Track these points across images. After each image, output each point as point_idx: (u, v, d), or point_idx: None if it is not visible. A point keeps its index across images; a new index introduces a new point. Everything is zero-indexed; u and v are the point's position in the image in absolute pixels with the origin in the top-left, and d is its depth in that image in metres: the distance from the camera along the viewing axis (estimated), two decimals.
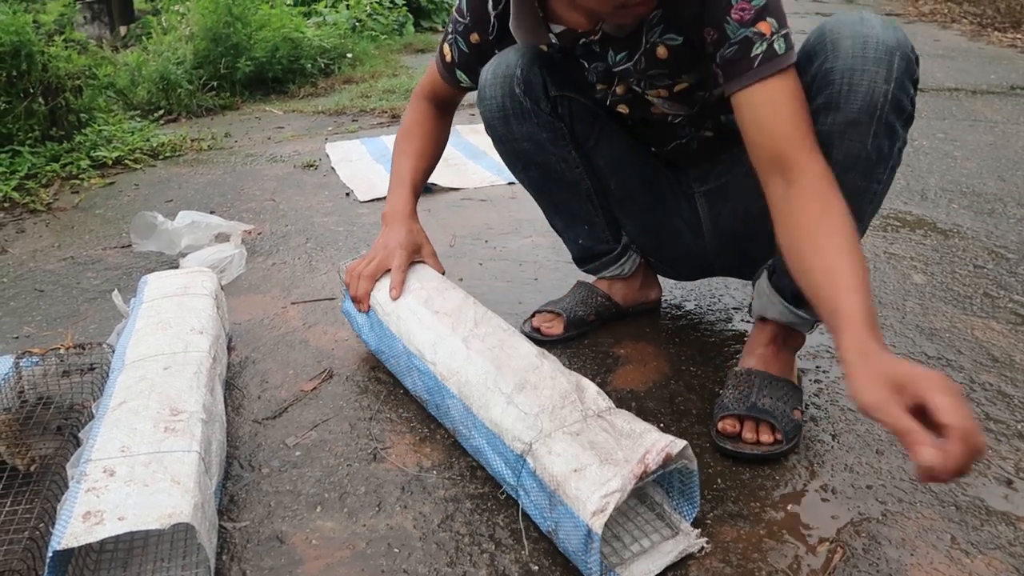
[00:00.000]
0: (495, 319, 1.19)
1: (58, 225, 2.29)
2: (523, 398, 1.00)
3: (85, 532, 0.83)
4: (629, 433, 0.93)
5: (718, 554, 0.94)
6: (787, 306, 1.18)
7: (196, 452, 0.97)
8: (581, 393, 1.01)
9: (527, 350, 1.10)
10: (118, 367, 1.17)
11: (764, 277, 1.22)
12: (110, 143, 3.05)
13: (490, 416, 1.01)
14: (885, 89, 0.97)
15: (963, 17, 6.40)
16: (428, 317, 1.19)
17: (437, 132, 1.43)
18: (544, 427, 0.95)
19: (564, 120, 1.30)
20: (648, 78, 1.17)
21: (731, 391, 1.18)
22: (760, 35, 1.00)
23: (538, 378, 1.03)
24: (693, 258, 1.43)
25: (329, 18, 5.78)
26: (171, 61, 4.30)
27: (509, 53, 1.27)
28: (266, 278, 1.82)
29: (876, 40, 0.97)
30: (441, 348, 1.14)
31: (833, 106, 1.00)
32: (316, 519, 1.03)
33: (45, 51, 2.89)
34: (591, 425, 0.95)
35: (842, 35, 0.99)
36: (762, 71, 1.00)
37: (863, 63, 0.97)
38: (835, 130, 1.01)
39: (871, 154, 1.01)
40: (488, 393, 1.03)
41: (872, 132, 1.00)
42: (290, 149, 3.12)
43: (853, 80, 0.98)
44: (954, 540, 0.95)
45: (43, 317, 1.66)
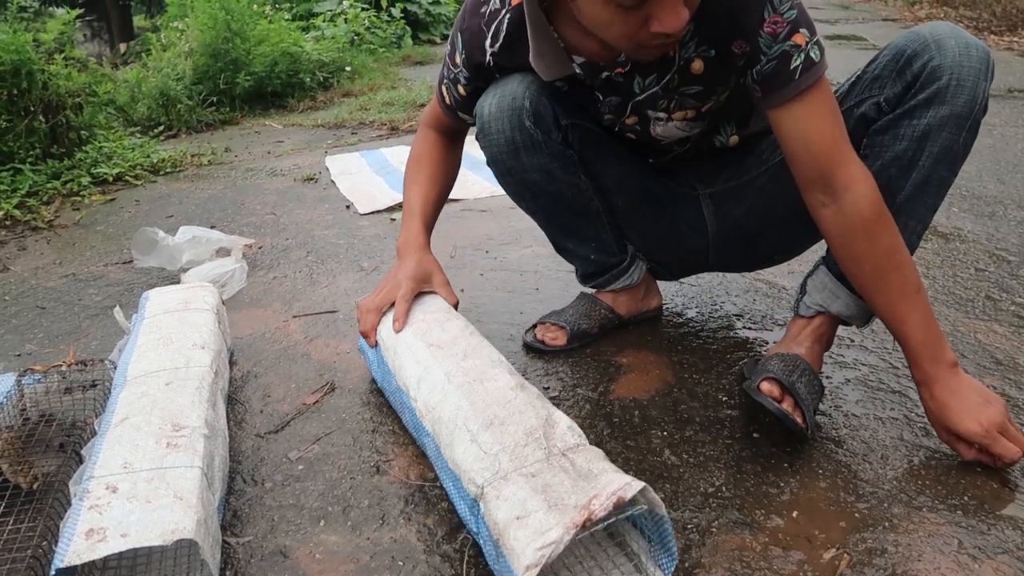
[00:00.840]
0: (486, 350, 1.14)
1: (59, 242, 2.30)
2: (488, 436, 0.95)
3: (88, 549, 0.82)
4: (587, 474, 0.86)
5: (724, 562, 0.94)
6: (853, 296, 1.19)
7: (199, 467, 0.97)
8: (550, 428, 0.95)
9: (503, 382, 1.04)
10: (120, 383, 1.17)
11: (823, 270, 1.23)
12: (111, 160, 3.07)
13: (453, 456, 0.97)
14: (984, 87, 1.04)
15: (959, 21, 6.42)
16: (422, 351, 1.15)
17: (446, 159, 1.42)
18: (502, 467, 0.89)
19: (574, 147, 1.29)
20: (680, 97, 1.16)
21: (777, 362, 1.17)
22: (797, 47, 1.02)
23: (507, 413, 0.98)
24: (691, 256, 1.45)
25: (327, 32, 5.82)
26: (171, 77, 4.33)
27: (512, 84, 1.22)
28: (267, 292, 1.82)
29: (975, 44, 1.04)
30: (424, 384, 1.09)
31: (939, 100, 1.04)
32: (320, 533, 1.02)
33: (45, 69, 2.91)
34: (552, 464, 0.88)
35: (944, 36, 1.05)
36: (802, 83, 1.03)
37: (968, 60, 1.03)
38: (935, 123, 1.05)
39: (959, 149, 1.07)
40: (455, 431, 0.99)
41: (967, 127, 1.05)
42: (290, 163, 3.13)
43: (961, 76, 1.03)
44: (961, 545, 0.95)
45: (45, 334, 1.66)
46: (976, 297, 1.60)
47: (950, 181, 1.11)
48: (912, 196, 1.10)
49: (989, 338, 1.43)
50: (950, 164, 1.08)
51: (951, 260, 1.80)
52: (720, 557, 0.95)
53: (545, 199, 1.35)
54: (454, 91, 1.30)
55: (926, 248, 1.87)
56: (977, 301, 1.59)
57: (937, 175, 1.09)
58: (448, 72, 1.29)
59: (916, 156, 1.08)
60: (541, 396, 1.03)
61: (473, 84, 1.27)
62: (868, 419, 1.21)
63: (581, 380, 1.36)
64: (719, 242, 1.39)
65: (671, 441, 1.18)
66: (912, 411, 1.22)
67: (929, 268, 1.75)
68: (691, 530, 0.99)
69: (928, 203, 1.11)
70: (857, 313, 1.21)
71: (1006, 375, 1.31)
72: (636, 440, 1.18)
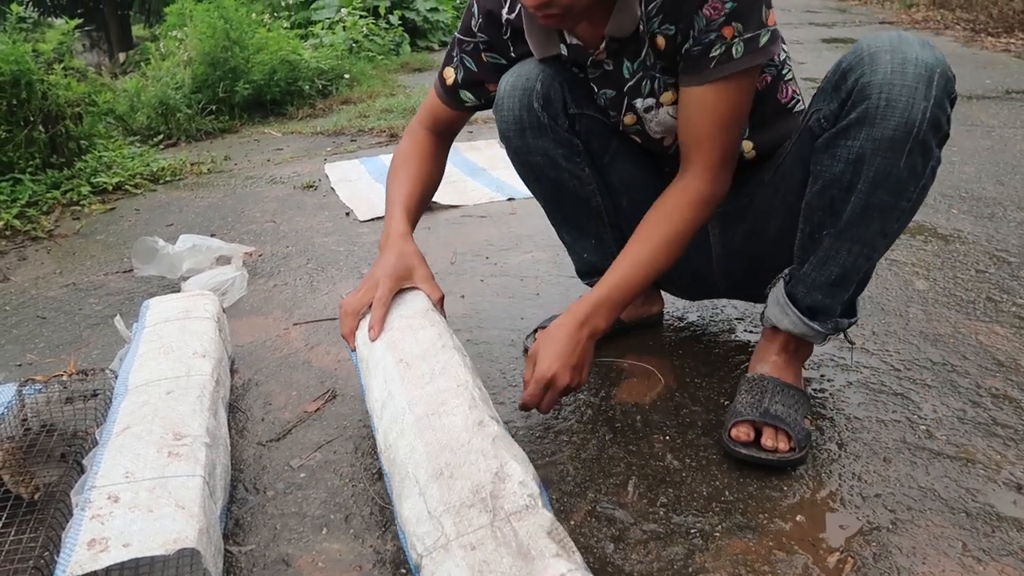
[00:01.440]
0: (455, 369, 1.07)
1: (59, 252, 2.30)
2: (435, 490, 0.89)
3: (90, 560, 0.82)
4: (526, 553, 0.80)
5: (728, 566, 0.93)
6: (800, 317, 1.17)
7: (200, 476, 0.97)
8: (500, 484, 0.88)
9: (460, 420, 0.97)
10: (121, 392, 1.16)
11: (780, 286, 1.21)
12: (110, 169, 3.07)
13: (402, 510, 0.91)
14: (924, 107, 0.96)
15: (956, 23, 6.44)
16: (391, 368, 1.09)
17: (433, 157, 1.38)
18: (445, 532, 0.84)
19: (580, 137, 1.29)
20: (661, 74, 1.16)
21: (744, 396, 1.17)
22: (722, 38, 1.04)
23: (458, 461, 0.91)
24: (698, 279, 1.42)
25: (326, 40, 5.83)
26: (170, 86, 4.33)
27: (529, 65, 1.24)
28: (268, 300, 1.82)
29: (916, 57, 0.96)
30: (387, 412, 1.04)
31: (868, 121, 0.99)
32: (322, 541, 1.02)
33: (45, 79, 2.91)
34: (496, 533, 0.83)
35: (881, 49, 0.98)
36: (712, 73, 1.06)
37: (902, 78, 0.96)
38: (868, 146, 1.00)
39: (903, 172, 1.00)
40: (405, 481, 0.93)
41: (907, 150, 0.98)
42: (289, 170, 3.13)
43: (892, 95, 0.96)
44: (965, 547, 0.95)
45: (46, 344, 1.66)
46: (977, 299, 1.60)
47: (900, 206, 1.03)
48: (853, 222, 1.05)
49: (990, 339, 1.43)
50: (892, 190, 1.02)
51: (951, 262, 1.80)
52: (724, 561, 0.94)
53: (547, 184, 1.35)
54: (466, 64, 1.29)
55: (926, 250, 1.87)
56: (978, 303, 1.59)
57: (877, 200, 1.02)
58: (458, 48, 1.29)
59: (854, 180, 1.03)
60: (500, 437, 0.96)
61: (488, 56, 1.27)
62: (870, 422, 1.20)
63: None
64: (724, 267, 1.37)
65: (673, 445, 1.18)
66: (915, 414, 1.22)
67: (930, 270, 1.75)
68: (694, 535, 0.99)
69: (874, 228, 1.05)
70: (808, 332, 1.18)
71: (1008, 376, 1.31)
72: (638, 445, 1.18)
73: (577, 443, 1.20)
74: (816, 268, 1.12)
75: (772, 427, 1.12)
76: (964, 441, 1.15)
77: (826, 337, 1.20)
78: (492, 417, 1.00)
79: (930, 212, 2.15)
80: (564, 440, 1.20)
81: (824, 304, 1.15)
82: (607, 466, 1.14)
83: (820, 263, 1.12)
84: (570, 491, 1.09)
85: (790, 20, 7.17)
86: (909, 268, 1.77)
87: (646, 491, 1.08)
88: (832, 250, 1.09)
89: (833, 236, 1.08)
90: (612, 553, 0.97)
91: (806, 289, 1.15)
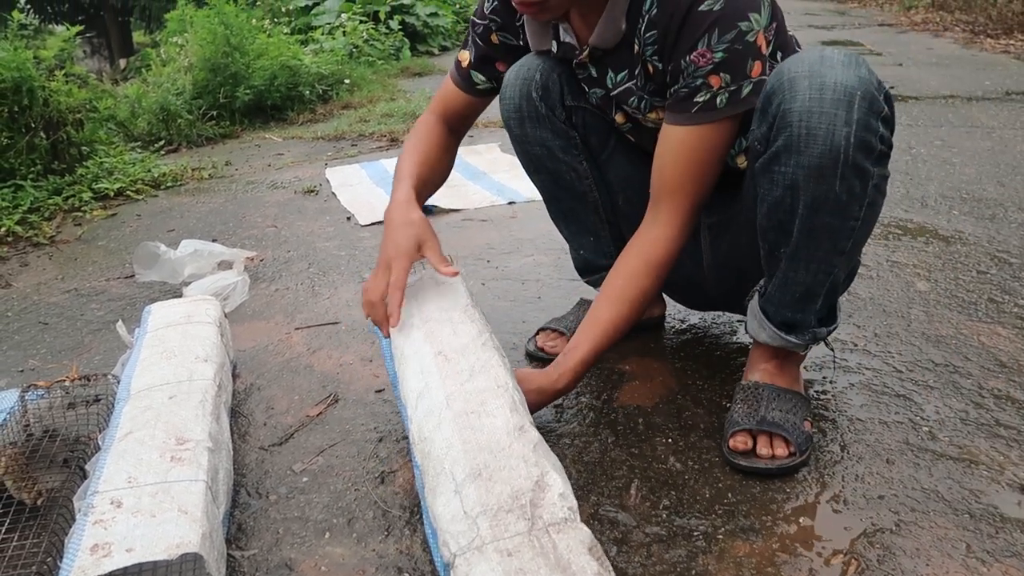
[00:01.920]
0: (495, 369, 1.05)
1: (61, 258, 2.30)
2: (472, 490, 0.87)
3: (93, 565, 0.82)
4: (566, 567, 0.79)
5: (731, 569, 0.93)
6: (776, 332, 1.17)
7: (203, 481, 0.97)
8: (540, 493, 0.86)
9: (502, 423, 0.96)
10: (123, 398, 1.16)
11: (755, 299, 1.21)
12: (112, 175, 3.07)
13: (434, 506, 0.90)
14: (847, 132, 0.94)
15: (955, 25, 6.44)
16: (428, 359, 1.08)
17: (443, 147, 1.34)
18: (480, 534, 0.82)
19: (578, 130, 1.31)
20: (650, 95, 1.17)
21: (740, 405, 1.17)
22: (708, 87, 1.05)
23: (498, 465, 0.89)
24: (693, 287, 1.42)
25: (326, 45, 5.84)
26: (171, 92, 4.34)
27: (531, 58, 1.27)
28: (269, 304, 1.82)
29: (835, 81, 0.94)
30: (423, 403, 1.02)
31: (794, 149, 0.98)
32: (325, 545, 1.02)
33: (46, 86, 2.92)
34: (533, 542, 0.81)
35: (799, 75, 0.97)
36: (693, 118, 1.07)
37: (820, 105, 0.94)
38: (799, 173, 0.99)
39: (840, 196, 0.98)
40: (440, 476, 0.92)
41: (839, 175, 0.97)
42: (290, 175, 3.13)
43: (811, 123, 0.95)
44: (969, 548, 0.94)
45: (48, 350, 1.66)
46: (979, 300, 1.60)
47: (848, 225, 1.02)
48: (802, 243, 1.05)
49: (993, 340, 1.43)
50: (834, 212, 1.00)
51: (953, 263, 1.80)
52: (727, 564, 0.94)
53: (546, 176, 1.37)
54: (478, 43, 1.29)
55: (927, 251, 1.87)
56: (980, 304, 1.59)
57: (821, 223, 1.01)
58: (471, 31, 1.30)
59: (794, 204, 1.02)
60: (540, 444, 0.94)
61: (500, 36, 1.28)
62: (873, 423, 1.20)
63: (585, 388, 1.36)
64: (715, 277, 1.36)
65: (676, 448, 1.18)
66: (917, 415, 1.22)
67: (931, 271, 1.75)
68: (697, 537, 0.99)
69: (825, 248, 1.04)
70: (786, 345, 1.18)
71: (1011, 377, 1.31)
72: (640, 447, 1.18)
73: (579, 446, 1.19)
74: (779, 288, 1.13)
75: (768, 434, 1.12)
76: (967, 442, 1.14)
77: (807, 346, 1.20)
78: (531, 423, 0.99)
79: (931, 214, 2.15)
80: (566, 443, 1.20)
81: (796, 319, 1.15)
82: (609, 469, 1.14)
83: (782, 283, 1.12)
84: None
85: (789, 23, 7.13)
86: (911, 270, 1.77)
87: (648, 494, 1.08)
88: (790, 270, 1.09)
89: (788, 256, 1.08)
90: (615, 556, 0.97)
91: (775, 307, 1.16)
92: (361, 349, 1.56)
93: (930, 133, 3.08)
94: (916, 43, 5.81)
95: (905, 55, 5.22)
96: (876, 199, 1.03)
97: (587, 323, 1.18)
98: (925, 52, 5.31)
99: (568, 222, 1.44)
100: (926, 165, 2.63)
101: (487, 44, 1.30)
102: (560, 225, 1.47)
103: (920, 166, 2.62)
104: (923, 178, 2.49)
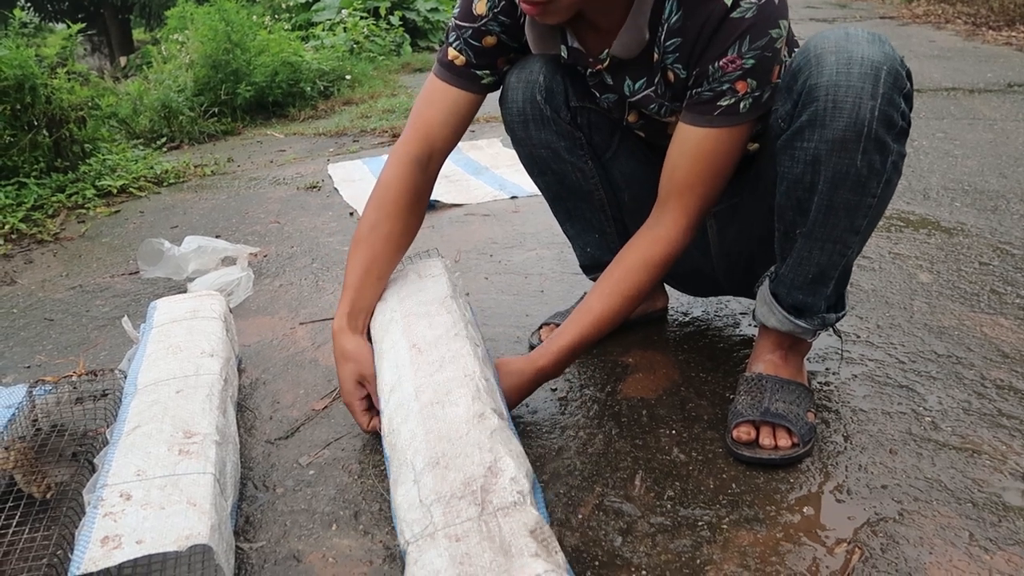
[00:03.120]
0: (464, 359, 1.07)
1: (65, 255, 2.31)
2: (429, 479, 0.90)
3: (103, 556, 0.83)
4: (507, 550, 0.80)
5: (735, 558, 0.94)
6: (786, 316, 1.17)
7: (211, 474, 0.98)
8: (492, 478, 0.88)
9: (463, 411, 0.98)
10: (131, 392, 1.17)
11: (766, 284, 1.22)
12: (114, 172, 3.08)
13: (396, 495, 0.92)
14: (872, 105, 0.95)
15: (957, 17, 6.43)
16: (403, 352, 1.10)
17: (404, 209, 1.25)
18: (433, 521, 0.85)
19: (583, 130, 1.30)
20: (670, 101, 1.17)
21: (743, 397, 1.18)
22: (734, 92, 1.06)
23: (455, 452, 0.92)
24: (700, 276, 1.43)
25: (327, 41, 5.84)
26: (172, 89, 4.35)
27: (533, 60, 1.25)
28: (274, 299, 1.83)
29: (861, 56, 0.96)
30: (394, 397, 1.05)
31: (819, 123, 0.99)
32: (332, 537, 1.03)
33: (48, 83, 2.92)
34: (481, 527, 0.83)
35: (826, 50, 0.98)
36: (714, 121, 1.08)
37: (848, 79, 0.96)
38: (822, 147, 1.00)
39: (861, 170, 1.00)
40: (403, 467, 0.94)
41: (861, 149, 0.98)
42: (293, 171, 3.14)
43: (838, 96, 0.96)
44: (972, 537, 0.95)
45: (54, 346, 1.67)
46: (981, 291, 1.61)
47: (865, 203, 1.03)
48: (820, 220, 1.06)
49: (995, 331, 1.44)
50: (854, 187, 1.01)
51: (955, 254, 1.80)
52: (731, 553, 0.95)
53: (551, 177, 1.36)
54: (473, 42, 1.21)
55: (930, 243, 1.87)
56: (982, 295, 1.59)
57: (840, 199, 1.02)
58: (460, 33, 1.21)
59: (814, 180, 1.03)
60: (499, 431, 0.95)
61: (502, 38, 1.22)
62: (876, 414, 1.21)
63: (588, 380, 1.36)
64: (723, 265, 1.37)
65: (679, 439, 1.18)
66: (920, 405, 1.22)
67: (933, 263, 1.76)
68: (702, 527, 1.00)
69: (843, 225, 1.05)
70: (795, 330, 1.18)
71: (1013, 368, 1.31)
72: (644, 439, 1.19)
73: (584, 438, 1.20)
74: (793, 269, 1.13)
75: (771, 425, 1.13)
76: (970, 432, 1.15)
77: (815, 333, 1.20)
78: (494, 410, 1.00)
79: (933, 205, 2.15)
80: (571, 435, 1.21)
81: (807, 302, 1.15)
82: (614, 460, 1.14)
83: (796, 263, 1.12)
84: (577, 485, 1.09)
85: (791, 15, 7.15)
86: (913, 261, 1.78)
87: (653, 484, 1.08)
88: (805, 250, 1.10)
89: (805, 236, 1.08)
90: (620, 546, 0.97)
91: (787, 289, 1.16)
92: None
93: (932, 125, 3.07)
94: (918, 35, 5.80)
95: (907, 47, 5.21)
96: (893, 177, 1.04)
97: (578, 312, 1.19)
98: (927, 44, 5.30)
99: (573, 221, 1.44)
100: (928, 157, 2.63)
101: (480, 46, 1.22)
102: (565, 225, 1.47)
103: (922, 158, 2.62)
104: (925, 170, 2.49)
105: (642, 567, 0.94)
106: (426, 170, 1.27)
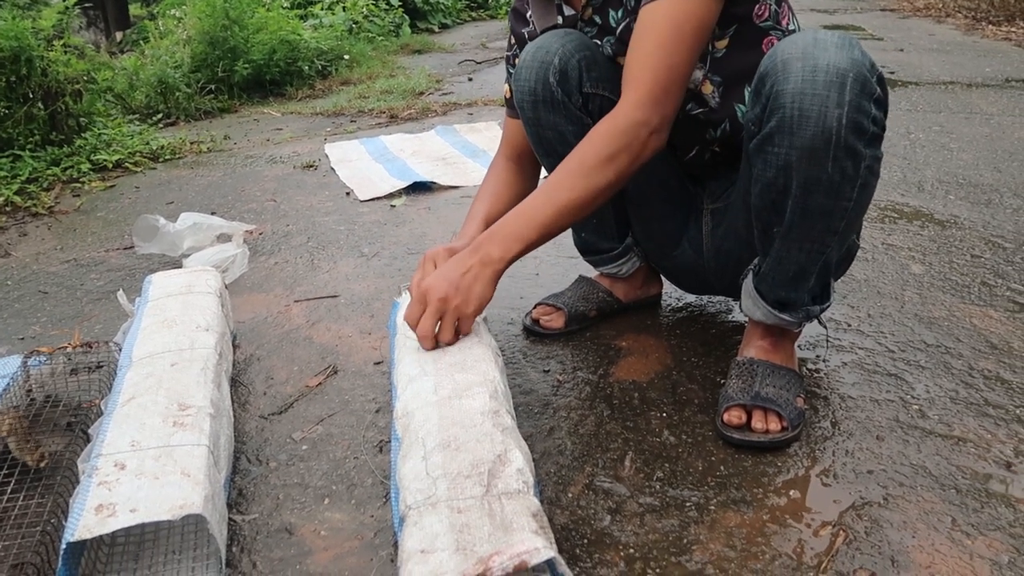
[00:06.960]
0: (485, 365, 1.08)
1: (60, 228, 2.30)
2: (438, 458, 0.91)
3: (98, 524, 0.84)
4: (507, 525, 0.82)
5: (722, 538, 0.95)
6: (770, 310, 1.18)
7: (205, 446, 0.98)
8: (500, 466, 0.90)
9: (479, 405, 0.99)
10: (125, 364, 1.18)
11: (750, 278, 1.22)
12: (110, 147, 3.07)
13: (402, 469, 0.93)
14: (839, 113, 0.95)
15: (957, 11, 6.42)
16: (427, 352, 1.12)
17: (508, 178, 1.39)
18: (437, 492, 0.86)
19: (593, 116, 1.28)
20: None
21: (734, 381, 1.19)
22: None
23: (467, 438, 0.93)
24: (693, 273, 1.43)
25: (325, 20, 5.80)
26: (168, 65, 4.32)
27: (550, 38, 1.25)
28: (269, 277, 1.83)
29: (827, 63, 0.95)
30: (411, 387, 1.06)
31: (787, 130, 0.98)
32: (324, 511, 1.04)
33: (44, 56, 2.90)
34: (484, 505, 0.85)
35: (793, 56, 0.97)
36: None
37: (813, 87, 0.95)
38: (792, 154, 0.99)
39: (833, 177, 0.99)
40: (413, 445, 0.96)
41: (831, 156, 0.97)
42: (289, 150, 3.13)
43: (803, 105, 0.96)
44: (955, 522, 0.97)
45: (48, 318, 1.67)
46: (972, 283, 1.62)
47: (840, 206, 1.03)
48: (796, 223, 1.06)
49: (984, 323, 1.45)
50: (827, 193, 1.01)
51: (947, 247, 1.81)
52: (718, 533, 0.96)
53: (556, 160, 1.34)
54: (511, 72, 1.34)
55: (923, 235, 1.89)
56: (973, 287, 1.60)
57: (814, 204, 1.02)
58: (507, 65, 1.37)
59: (787, 184, 1.03)
60: (512, 430, 0.98)
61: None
62: (864, 401, 1.22)
63: (581, 363, 1.37)
64: (714, 264, 1.36)
65: (670, 422, 1.19)
66: (908, 394, 1.24)
67: (926, 254, 1.77)
68: (689, 508, 1.01)
69: (819, 228, 1.05)
70: (781, 323, 1.19)
71: (1001, 359, 1.33)
72: (635, 421, 1.20)
73: (575, 419, 1.21)
74: (773, 267, 1.14)
75: (762, 409, 1.14)
76: (956, 420, 1.16)
77: (801, 324, 1.21)
78: (508, 412, 1.01)
79: (927, 198, 2.16)
80: (563, 416, 1.22)
81: (791, 297, 1.16)
82: (604, 441, 1.16)
83: (776, 262, 1.13)
84: (568, 464, 1.11)
85: (793, 6, 7.14)
86: (905, 252, 1.79)
87: (643, 466, 1.10)
88: (784, 250, 1.10)
89: (782, 236, 1.09)
90: (608, 524, 0.99)
91: (768, 286, 1.17)
92: (360, 322, 1.57)
93: (929, 119, 3.08)
94: (918, 28, 5.79)
95: (906, 40, 5.21)
96: (869, 180, 1.03)
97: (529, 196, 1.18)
98: (926, 38, 5.30)
99: None
100: (924, 150, 2.64)
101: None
102: None
103: (918, 151, 2.63)
104: (920, 163, 2.50)
105: (630, 545, 0.95)
106: (522, 166, 1.40)
